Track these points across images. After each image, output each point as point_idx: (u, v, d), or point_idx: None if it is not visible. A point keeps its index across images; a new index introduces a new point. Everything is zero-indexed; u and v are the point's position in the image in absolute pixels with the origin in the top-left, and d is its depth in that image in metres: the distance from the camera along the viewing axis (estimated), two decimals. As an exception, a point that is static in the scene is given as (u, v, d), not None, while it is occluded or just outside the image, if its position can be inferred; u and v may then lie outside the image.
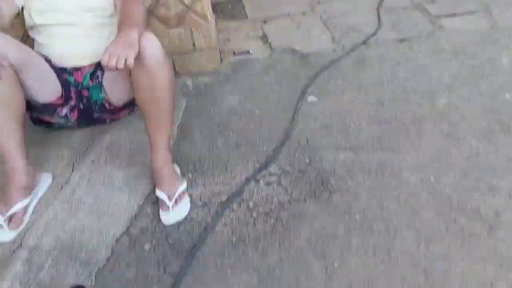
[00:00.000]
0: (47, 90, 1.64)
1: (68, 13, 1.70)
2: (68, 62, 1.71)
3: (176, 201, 1.58)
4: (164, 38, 2.21)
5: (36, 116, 1.77)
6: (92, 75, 1.72)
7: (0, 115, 1.44)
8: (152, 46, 1.43)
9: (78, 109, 1.74)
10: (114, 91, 1.72)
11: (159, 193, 1.59)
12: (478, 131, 1.80)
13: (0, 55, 1.41)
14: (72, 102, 1.72)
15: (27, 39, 1.90)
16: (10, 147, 1.48)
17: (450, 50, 2.36)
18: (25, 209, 1.49)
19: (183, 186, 1.63)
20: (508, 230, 1.40)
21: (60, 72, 1.69)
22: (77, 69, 1.72)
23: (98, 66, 1.72)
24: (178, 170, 1.74)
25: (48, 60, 1.68)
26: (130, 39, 1.37)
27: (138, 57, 1.38)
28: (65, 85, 1.69)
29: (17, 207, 1.47)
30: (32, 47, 1.74)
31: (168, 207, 1.56)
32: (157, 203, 1.62)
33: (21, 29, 1.93)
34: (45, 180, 1.60)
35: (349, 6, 2.90)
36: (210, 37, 2.28)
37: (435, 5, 2.80)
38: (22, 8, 1.73)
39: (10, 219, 1.46)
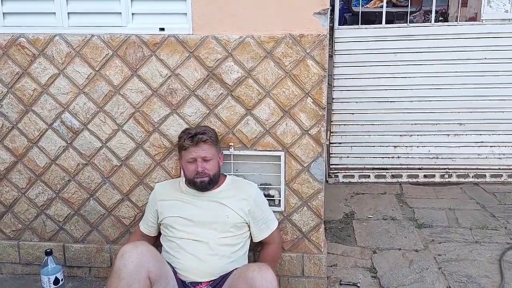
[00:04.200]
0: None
1: (198, 231, 1.86)
2: (190, 276, 1.81)
3: None
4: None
5: None
6: None
7: None
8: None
9: None
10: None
11: None
12: None
13: (142, 266, 1.56)
14: None
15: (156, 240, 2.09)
16: None
17: None
18: None
19: None
20: None
21: (181, 285, 1.78)
22: (195, 284, 1.80)
23: (216, 285, 1.78)
24: None
25: (174, 272, 1.80)
26: None
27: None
28: None
29: None
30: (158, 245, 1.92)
31: None
32: None
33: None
34: None
35: (466, 251, 2.77)
36: (321, 266, 2.28)
37: None
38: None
39: None
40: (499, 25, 3.47)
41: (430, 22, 3.68)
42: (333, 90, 3.76)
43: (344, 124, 3.81)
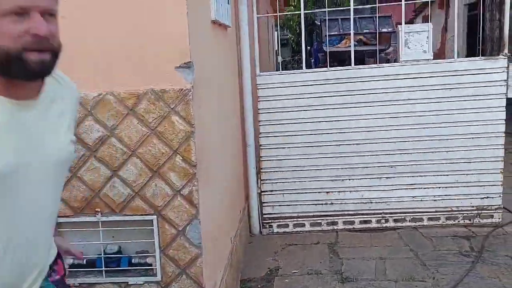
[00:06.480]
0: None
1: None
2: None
3: None
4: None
5: None
6: None
7: None
8: None
9: None
10: None
11: None
12: None
13: None
14: None
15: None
16: None
17: None
18: None
19: None
20: None
21: None
22: None
23: None
24: None
25: None
26: None
27: None
28: None
29: None
30: None
31: None
32: None
33: None
34: None
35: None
36: None
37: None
38: None
39: None
40: (418, 65, 3.40)
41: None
42: (260, 137, 3.64)
43: (274, 171, 3.66)
